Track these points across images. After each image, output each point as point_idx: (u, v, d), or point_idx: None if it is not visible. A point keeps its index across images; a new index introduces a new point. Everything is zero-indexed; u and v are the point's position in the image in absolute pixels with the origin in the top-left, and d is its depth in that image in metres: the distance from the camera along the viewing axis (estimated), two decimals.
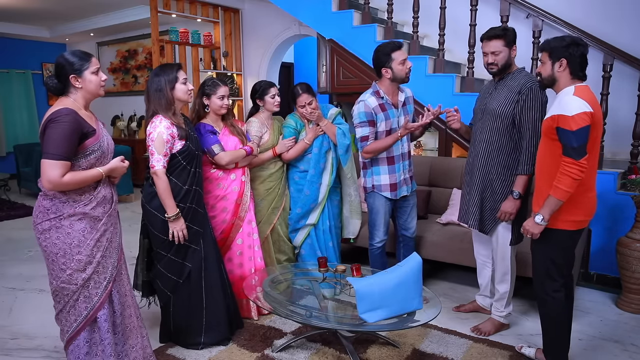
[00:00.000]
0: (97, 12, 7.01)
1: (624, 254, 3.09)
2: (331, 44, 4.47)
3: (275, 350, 2.63)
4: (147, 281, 2.71)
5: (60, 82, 2.02)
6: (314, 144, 3.21)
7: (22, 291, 3.54)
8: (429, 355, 2.59)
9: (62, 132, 1.91)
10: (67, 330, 2.09)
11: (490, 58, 2.60)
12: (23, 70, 8.63)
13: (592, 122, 2.05)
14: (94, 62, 2.04)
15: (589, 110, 2.04)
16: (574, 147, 2.04)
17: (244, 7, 6.45)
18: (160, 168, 2.41)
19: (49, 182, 1.92)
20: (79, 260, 2.02)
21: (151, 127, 2.44)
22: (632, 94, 3.56)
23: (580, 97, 2.06)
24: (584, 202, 2.19)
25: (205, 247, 2.63)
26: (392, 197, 3.00)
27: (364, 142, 2.91)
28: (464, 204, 2.84)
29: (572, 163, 2.05)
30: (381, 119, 2.90)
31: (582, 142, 2.04)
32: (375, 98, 2.90)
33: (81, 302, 2.06)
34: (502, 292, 2.80)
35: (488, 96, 2.70)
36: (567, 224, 2.19)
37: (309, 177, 3.22)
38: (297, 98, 3.18)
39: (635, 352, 2.64)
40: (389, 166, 2.97)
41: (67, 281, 2.03)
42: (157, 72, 2.51)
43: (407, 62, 2.87)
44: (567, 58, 2.12)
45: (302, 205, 3.24)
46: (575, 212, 2.18)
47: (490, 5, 4.24)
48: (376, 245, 3.11)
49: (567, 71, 2.15)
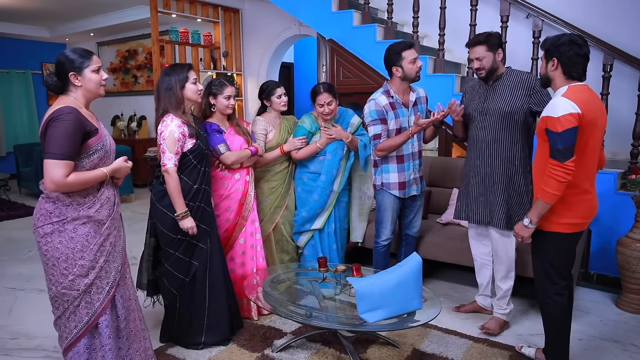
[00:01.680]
0: (97, 12, 7.02)
1: (624, 254, 3.09)
2: (331, 44, 4.47)
3: (275, 350, 2.63)
4: (151, 280, 2.71)
5: (60, 80, 1.97)
6: (327, 149, 3.17)
7: (22, 291, 3.54)
8: (429, 355, 2.59)
9: (64, 131, 1.85)
10: (66, 336, 2.03)
11: (476, 64, 2.66)
12: (23, 70, 8.63)
13: (580, 124, 2.01)
14: (95, 61, 1.99)
15: (575, 112, 1.99)
16: (559, 149, 2.02)
17: (244, 7, 6.45)
18: (172, 166, 2.42)
19: (52, 183, 1.85)
20: (81, 266, 1.96)
21: (162, 125, 2.45)
22: (632, 93, 3.56)
23: (569, 98, 2.02)
24: (580, 205, 2.15)
25: (212, 246, 2.64)
26: (400, 195, 3.01)
27: (376, 140, 2.93)
28: (479, 206, 2.75)
29: (557, 165, 2.03)
30: (391, 117, 2.93)
31: (567, 144, 2.01)
32: (386, 97, 2.93)
33: (82, 308, 2.00)
34: (505, 289, 2.81)
35: (484, 98, 2.71)
36: (562, 226, 2.16)
37: (320, 183, 3.19)
38: (318, 96, 3.13)
39: (635, 352, 2.64)
40: (398, 164, 2.98)
41: (68, 287, 1.96)
42: (168, 71, 2.51)
43: (418, 61, 2.90)
44: (558, 57, 2.10)
45: (309, 209, 3.22)
46: (571, 215, 2.15)
47: (490, 5, 4.24)
48: (382, 244, 3.11)
49: (559, 71, 2.12)
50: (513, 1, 3.79)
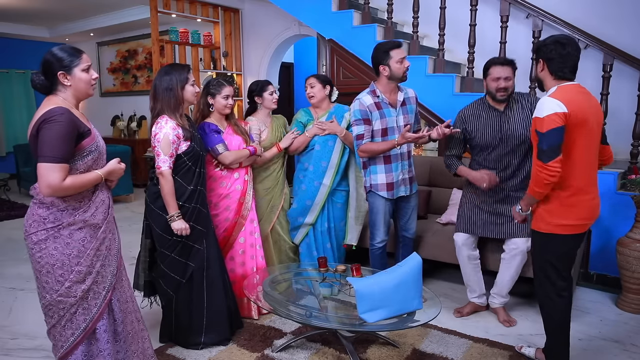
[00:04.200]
0: (97, 12, 7.01)
1: (624, 254, 3.09)
2: (331, 44, 4.47)
3: (275, 351, 2.63)
4: (148, 281, 2.71)
5: (47, 79, 1.88)
6: (317, 141, 3.20)
7: (22, 291, 3.54)
8: (429, 355, 2.59)
9: (58, 133, 1.77)
10: (62, 345, 1.95)
11: (503, 83, 2.66)
12: (23, 70, 8.62)
13: (567, 123, 2.00)
14: (85, 59, 1.91)
15: (561, 111, 1.98)
16: (543, 150, 2.02)
17: (244, 7, 6.45)
18: (167, 169, 2.41)
19: (48, 187, 1.77)
20: (78, 272, 1.89)
21: (157, 127, 2.43)
22: (632, 94, 3.56)
23: (556, 98, 2.02)
24: (577, 206, 2.12)
25: (208, 246, 2.64)
26: (388, 196, 2.99)
27: (359, 141, 2.92)
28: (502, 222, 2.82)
29: (540, 167, 2.03)
30: (376, 117, 2.91)
31: (551, 144, 2.00)
32: (371, 96, 2.92)
33: (79, 315, 1.93)
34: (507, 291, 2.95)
35: (498, 127, 2.74)
36: (560, 228, 2.15)
37: (308, 174, 3.22)
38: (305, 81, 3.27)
39: (635, 352, 2.64)
40: (385, 165, 2.96)
41: (65, 294, 1.89)
42: (168, 70, 2.49)
43: (405, 61, 2.87)
44: (543, 58, 2.12)
45: (297, 200, 3.25)
46: (569, 217, 2.13)
47: (490, 5, 4.24)
48: (377, 246, 3.10)
49: (546, 71, 2.13)
50: (513, 1, 3.79)
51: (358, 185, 3.36)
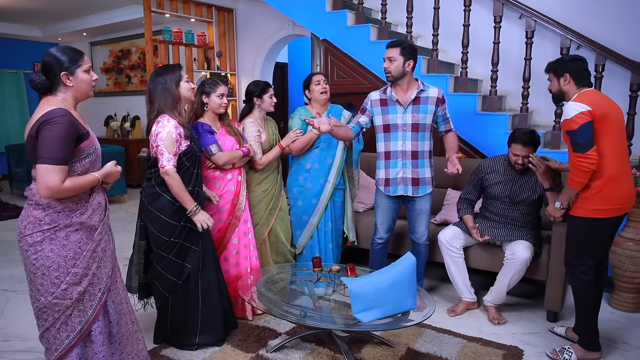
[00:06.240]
0: (90, 12, 6.97)
1: (616, 252, 3.11)
2: (325, 44, 4.47)
3: (270, 351, 2.63)
4: (143, 283, 2.69)
5: (48, 79, 1.87)
6: (322, 139, 3.20)
7: (14, 293, 3.51)
8: (424, 355, 2.59)
9: (58, 134, 1.76)
10: (56, 348, 1.92)
11: (521, 160, 2.90)
12: (15, 70, 8.57)
13: (594, 118, 2.28)
14: (87, 61, 1.93)
15: (586, 110, 2.27)
16: (579, 143, 2.30)
17: (237, 7, 6.44)
18: (171, 167, 2.39)
19: (47, 189, 1.76)
20: (74, 274, 1.88)
21: (159, 126, 2.40)
22: (624, 94, 3.58)
23: (578, 101, 2.31)
24: (611, 194, 2.34)
25: (204, 247, 2.63)
26: (385, 192, 3.02)
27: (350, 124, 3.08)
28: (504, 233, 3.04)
29: (580, 156, 2.30)
30: (377, 113, 2.97)
31: (586, 137, 2.27)
32: (380, 93, 3.00)
33: (75, 317, 1.91)
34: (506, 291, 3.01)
35: (516, 185, 3.01)
36: (594, 212, 2.38)
37: (313, 172, 3.22)
38: (314, 77, 3.25)
39: (626, 350, 2.67)
40: (384, 161, 3.01)
41: (60, 296, 1.87)
42: (159, 72, 2.48)
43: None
44: (569, 72, 2.42)
45: (303, 198, 3.25)
46: (602, 203, 2.36)
47: (484, 5, 4.26)
48: (377, 241, 3.14)
49: (572, 83, 2.43)
50: (506, 2, 3.81)
51: (351, 186, 3.36)
